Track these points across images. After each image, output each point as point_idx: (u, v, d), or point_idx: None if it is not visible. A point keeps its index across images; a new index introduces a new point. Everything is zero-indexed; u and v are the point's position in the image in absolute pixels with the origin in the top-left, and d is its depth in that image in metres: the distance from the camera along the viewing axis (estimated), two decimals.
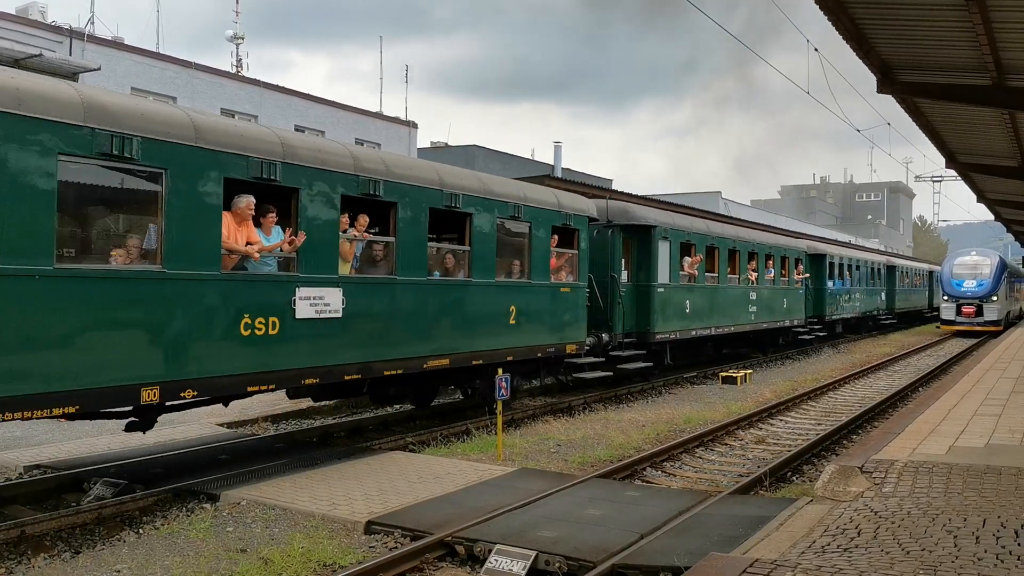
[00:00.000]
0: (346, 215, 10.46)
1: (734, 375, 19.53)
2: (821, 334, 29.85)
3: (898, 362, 26.21)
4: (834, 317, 31.67)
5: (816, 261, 30.21)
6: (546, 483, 9.10)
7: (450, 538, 7.21)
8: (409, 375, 11.53)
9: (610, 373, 16.35)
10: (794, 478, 10.71)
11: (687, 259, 19.90)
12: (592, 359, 15.77)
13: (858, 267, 35.40)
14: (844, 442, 13.05)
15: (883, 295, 40.19)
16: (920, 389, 19.44)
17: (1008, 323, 41.70)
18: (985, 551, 6.02)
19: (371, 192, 10.49)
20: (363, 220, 10.91)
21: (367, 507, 8.13)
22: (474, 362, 12.44)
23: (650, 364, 18.04)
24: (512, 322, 13.19)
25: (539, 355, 13.87)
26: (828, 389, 18.97)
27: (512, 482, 9.19)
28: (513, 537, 7.13)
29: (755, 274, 23.76)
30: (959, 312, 37.70)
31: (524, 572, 6.64)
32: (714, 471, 11.10)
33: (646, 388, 18.26)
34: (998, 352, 24.52)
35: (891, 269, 42.00)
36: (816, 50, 17.52)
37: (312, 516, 7.90)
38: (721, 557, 6.08)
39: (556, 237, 14.59)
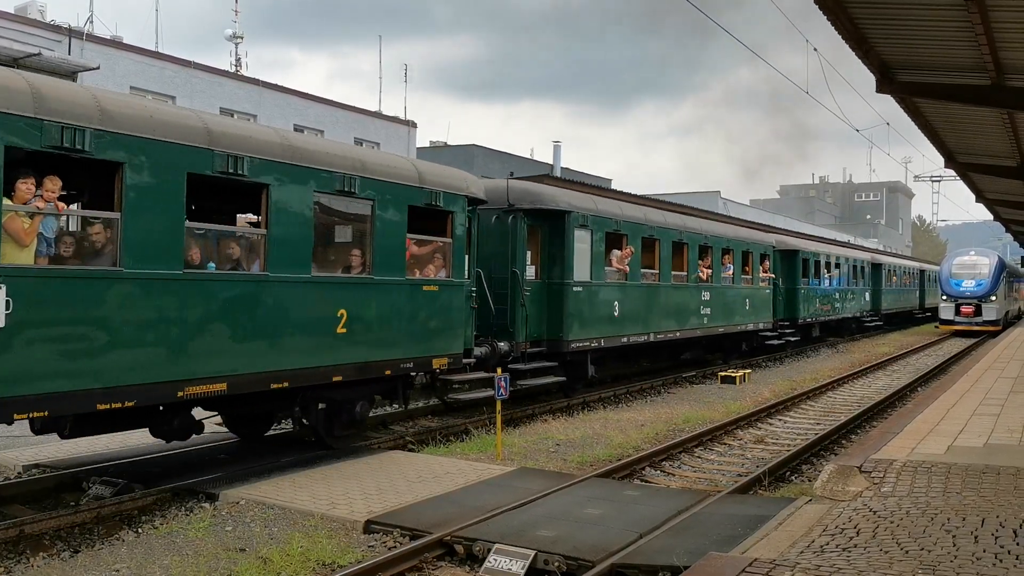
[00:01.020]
0: (31, 179, 7.42)
1: (733, 375, 19.53)
2: (793, 338, 27.02)
3: (897, 362, 26.23)
4: (809, 319, 28.75)
5: (787, 258, 27.38)
6: (545, 482, 9.10)
7: (449, 537, 7.22)
8: (156, 407, 8.67)
9: (491, 393, 12.69)
10: (793, 478, 10.72)
11: (616, 252, 16.92)
12: (480, 374, 12.84)
13: (838, 265, 32.51)
14: (843, 442, 13.06)
15: (867, 295, 37.18)
16: (919, 389, 19.46)
17: (1007, 323, 41.73)
18: (984, 551, 6.02)
19: (69, 145, 7.37)
20: (52, 185, 7.60)
21: (366, 506, 8.13)
22: (274, 385, 9.21)
23: (563, 379, 15.21)
24: (341, 331, 9.98)
25: (388, 372, 10.79)
26: (827, 389, 18.99)
27: (511, 481, 9.19)
28: (512, 536, 7.13)
29: (708, 271, 20.84)
30: (958, 312, 37.76)
31: (523, 571, 6.64)
32: (713, 471, 11.10)
33: (645, 388, 18.26)
34: (997, 352, 24.54)
35: (876, 267, 39.14)
36: (815, 50, 17.54)
37: (311, 515, 7.90)
38: (720, 556, 6.08)
39: (419, 221, 11.44)
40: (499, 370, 11.23)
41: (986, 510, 7.08)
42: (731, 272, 22.28)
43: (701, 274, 20.57)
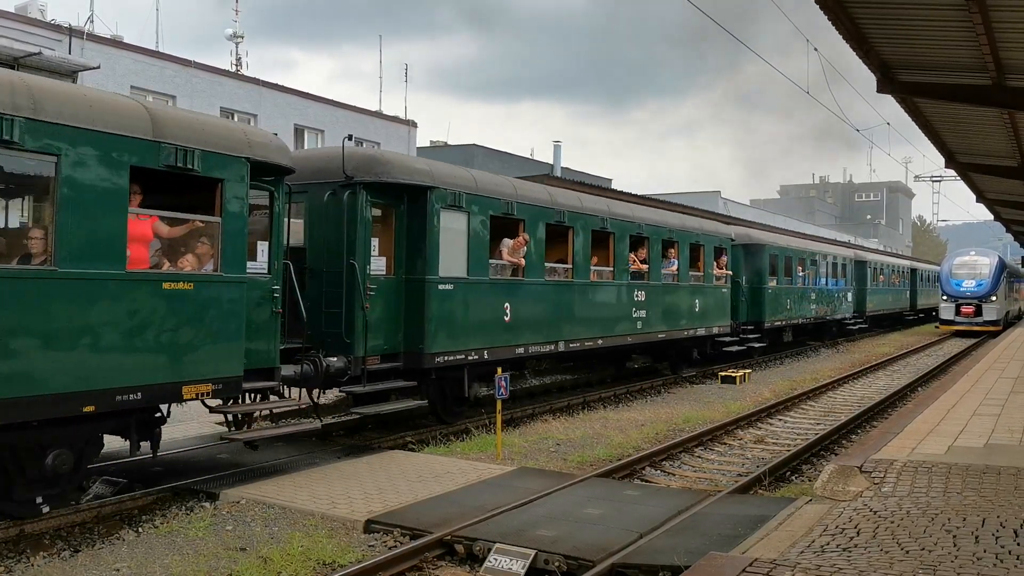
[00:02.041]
0: None
1: (733, 375, 19.53)
2: (758, 344, 23.69)
3: (897, 362, 26.23)
4: (778, 322, 25.49)
5: (751, 253, 24.20)
6: (545, 482, 9.10)
7: (449, 537, 7.21)
8: None
9: (314, 425, 10.57)
10: (793, 478, 10.73)
11: (508, 241, 13.67)
12: (286, 404, 10.35)
13: (814, 262, 29.20)
14: (843, 442, 13.07)
15: (850, 295, 33.86)
16: (919, 389, 19.46)
17: (1007, 323, 41.73)
18: (984, 551, 6.02)
19: None
20: None
21: (366, 506, 8.13)
22: None
23: (422, 403, 12.24)
24: None
25: (91, 409, 7.55)
26: (827, 389, 18.99)
27: (511, 481, 9.19)
28: (512, 536, 7.13)
29: (644, 266, 17.57)
30: (958, 312, 37.75)
31: (523, 571, 6.64)
32: (713, 470, 11.11)
33: (645, 387, 18.22)
34: (997, 352, 24.53)
35: (861, 265, 35.95)
36: (816, 50, 17.55)
37: (311, 515, 7.90)
38: (720, 556, 6.08)
39: (167, 193, 8.71)
40: (499, 370, 11.19)
41: (987, 510, 7.08)
42: (675, 268, 18.93)
43: (636, 268, 17.30)
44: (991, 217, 37.38)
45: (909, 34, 10.76)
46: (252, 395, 9.64)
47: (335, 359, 10.67)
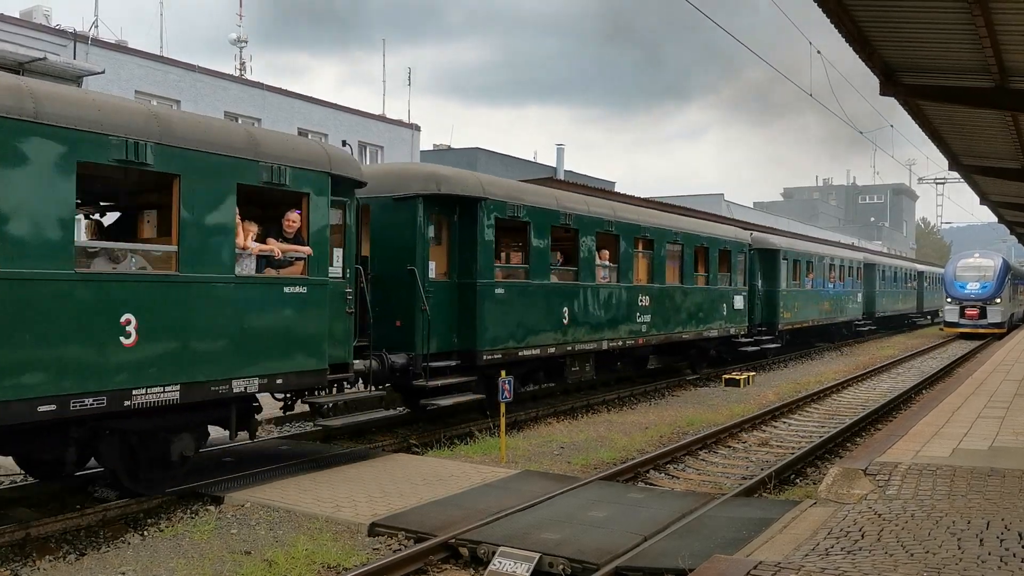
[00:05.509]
0: None
1: (737, 377, 19.51)
2: (449, 401, 12.02)
3: (901, 364, 26.19)
4: (528, 352, 13.67)
5: (452, 216, 12.68)
6: (549, 485, 9.11)
7: (454, 540, 7.22)
8: None
9: None
10: (797, 480, 10.72)
11: None
12: None
13: (649, 243, 17.50)
14: (847, 444, 13.05)
15: (740, 300, 21.83)
16: (923, 391, 19.41)
17: (1012, 325, 41.67)
18: (989, 553, 6.02)
19: None
20: None
21: (371, 509, 8.14)
22: None
23: None
24: None
25: None
26: (831, 391, 18.95)
27: (515, 484, 9.19)
28: (517, 539, 7.13)
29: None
30: (963, 314, 37.70)
31: (528, 574, 6.65)
32: (717, 473, 11.10)
33: (649, 390, 18.23)
34: (1002, 354, 24.48)
35: (769, 255, 24.46)
36: (819, 52, 17.55)
37: (316, 518, 7.91)
38: (725, 559, 6.08)
39: None
40: (503, 372, 11.20)
41: (991, 513, 7.08)
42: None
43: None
44: (995, 219, 37.38)
45: (912, 36, 10.76)
46: None
47: None
